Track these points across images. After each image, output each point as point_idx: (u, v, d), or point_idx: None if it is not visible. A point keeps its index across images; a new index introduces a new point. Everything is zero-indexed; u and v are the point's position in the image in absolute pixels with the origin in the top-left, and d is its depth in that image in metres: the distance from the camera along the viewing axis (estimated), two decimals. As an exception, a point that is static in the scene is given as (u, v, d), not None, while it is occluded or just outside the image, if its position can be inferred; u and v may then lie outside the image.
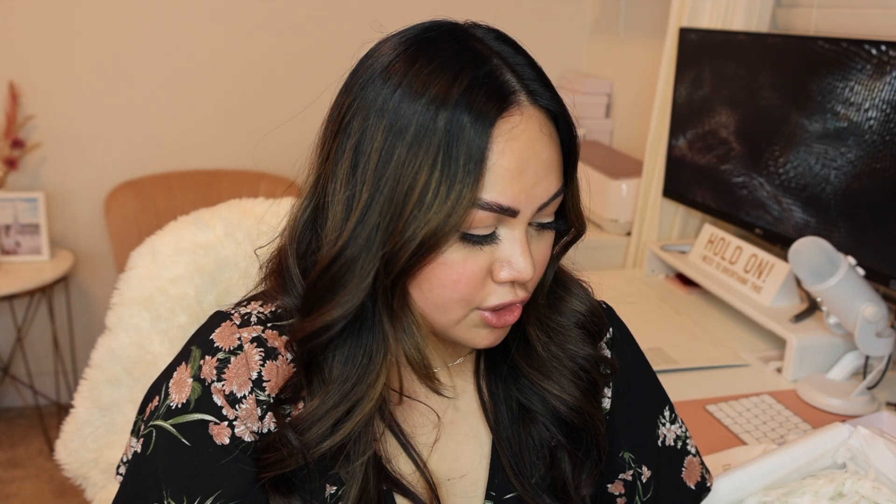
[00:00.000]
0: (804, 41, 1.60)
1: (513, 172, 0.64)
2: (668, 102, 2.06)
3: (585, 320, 0.80)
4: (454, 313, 0.68)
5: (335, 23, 2.71)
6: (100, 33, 2.63)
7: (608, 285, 0.87)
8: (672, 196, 2.07)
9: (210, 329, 0.75)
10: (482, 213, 0.64)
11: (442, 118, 0.62)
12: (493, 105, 0.63)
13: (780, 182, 1.69)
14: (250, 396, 0.72)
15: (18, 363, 2.81)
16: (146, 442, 0.72)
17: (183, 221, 1.00)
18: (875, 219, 1.45)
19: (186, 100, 2.76)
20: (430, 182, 0.62)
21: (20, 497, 2.41)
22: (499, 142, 0.63)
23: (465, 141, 0.62)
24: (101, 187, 2.73)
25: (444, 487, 0.76)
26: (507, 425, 0.78)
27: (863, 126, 1.46)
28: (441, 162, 0.62)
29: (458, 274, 0.66)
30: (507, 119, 0.64)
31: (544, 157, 0.65)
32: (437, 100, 0.63)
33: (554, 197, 0.67)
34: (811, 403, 1.42)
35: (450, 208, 0.62)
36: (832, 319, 1.44)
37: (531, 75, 0.67)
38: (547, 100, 0.67)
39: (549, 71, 0.69)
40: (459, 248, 0.65)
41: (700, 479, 0.88)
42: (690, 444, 0.89)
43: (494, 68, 0.65)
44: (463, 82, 0.63)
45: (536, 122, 0.65)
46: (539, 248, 0.70)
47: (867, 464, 0.88)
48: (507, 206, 0.64)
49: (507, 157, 0.63)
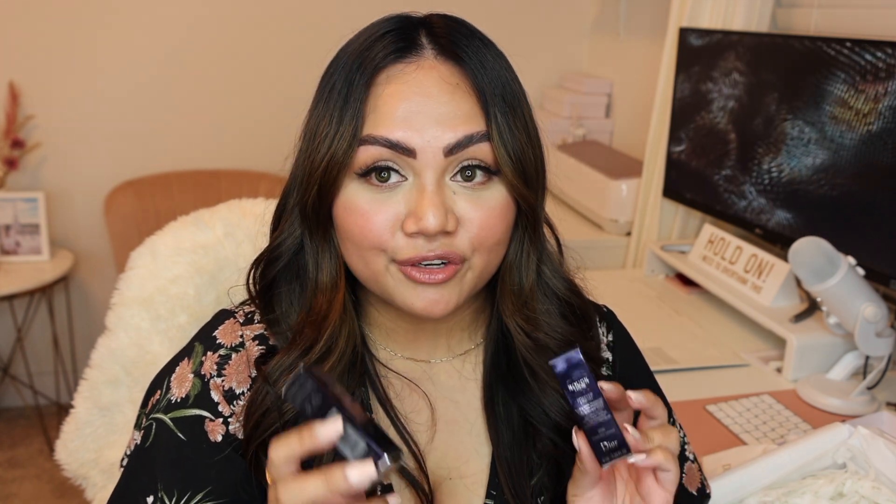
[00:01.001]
0: (804, 41, 1.60)
1: (399, 114, 0.66)
2: (668, 102, 2.06)
3: (573, 311, 0.79)
4: (372, 263, 0.69)
5: (337, 24, 2.71)
6: (100, 33, 2.63)
7: (608, 285, 0.87)
8: (672, 196, 2.07)
9: (214, 326, 0.76)
10: (372, 149, 0.66)
11: (343, 69, 0.69)
12: (387, 55, 0.67)
13: (779, 181, 1.69)
14: (249, 392, 0.72)
15: (18, 363, 2.81)
16: (146, 434, 0.73)
17: (183, 222, 1.00)
18: (875, 219, 1.45)
19: (187, 100, 2.76)
20: (327, 122, 0.68)
21: (20, 497, 2.41)
22: (385, 86, 0.67)
23: (354, 85, 0.67)
24: (101, 187, 2.73)
25: (445, 486, 0.76)
26: (510, 439, 0.77)
27: (862, 126, 1.46)
28: (335, 104, 0.68)
29: (363, 220, 0.68)
30: (399, 67, 0.67)
31: (443, 101, 0.66)
32: (344, 54, 0.70)
33: (465, 141, 0.66)
34: (811, 403, 1.42)
35: (335, 142, 0.67)
36: (832, 319, 1.44)
37: (457, 39, 0.69)
38: (464, 56, 0.68)
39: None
40: (363, 192, 0.68)
41: (700, 486, 0.88)
42: (689, 449, 0.88)
43: (408, 29, 0.69)
44: (370, 39, 0.69)
45: (436, 72, 0.67)
46: (471, 208, 0.68)
47: (867, 464, 0.88)
48: (396, 141, 0.66)
49: (393, 98, 0.66)
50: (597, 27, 2.92)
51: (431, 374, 0.79)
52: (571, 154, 2.47)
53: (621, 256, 2.28)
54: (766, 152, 1.72)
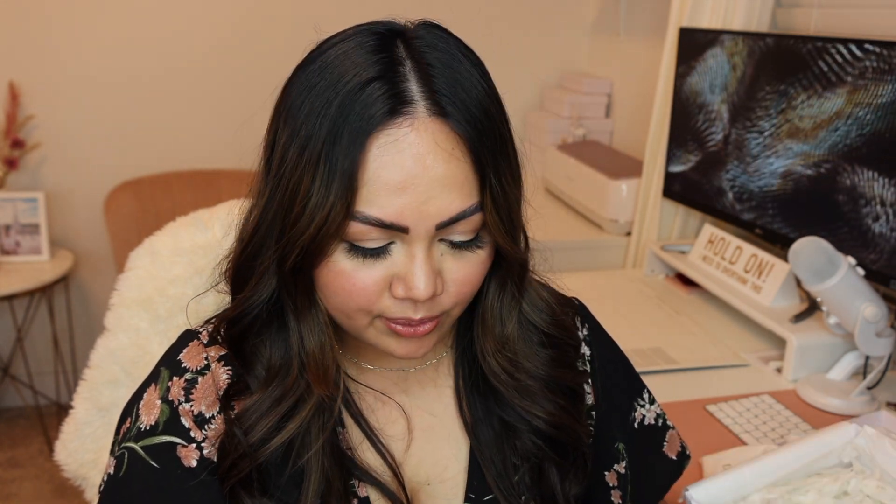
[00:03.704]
0: (804, 41, 1.60)
1: (393, 188, 0.60)
2: (668, 102, 2.06)
3: (553, 339, 0.78)
4: (357, 320, 0.68)
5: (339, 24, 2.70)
6: (100, 33, 2.63)
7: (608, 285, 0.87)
8: (672, 196, 2.07)
9: (178, 349, 0.75)
10: (363, 227, 0.62)
11: (325, 124, 0.61)
12: (377, 113, 0.60)
13: (780, 181, 1.69)
14: (219, 417, 0.71)
15: (18, 363, 2.81)
16: (118, 463, 0.71)
17: (182, 222, 1.00)
18: (875, 220, 1.45)
19: (187, 100, 2.76)
20: (312, 188, 0.61)
21: (20, 497, 2.42)
22: (378, 153, 0.60)
23: (342, 150, 0.60)
24: (101, 187, 2.73)
25: (423, 492, 0.76)
26: (490, 441, 0.76)
27: (863, 125, 1.46)
28: (321, 169, 0.61)
29: (349, 284, 0.64)
30: (390, 130, 0.60)
31: (439, 174, 0.61)
32: (326, 104, 0.61)
33: (459, 217, 0.63)
34: (811, 403, 1.42)
35: (325, 217, 0.61)
36: (832, 319, 1.44)
37: (447, 87, 0.62)
38: (456, 115, 0.61)
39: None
40: (349, 258, 0.64)
41: (680, 449, 0.91)
42: (668, 421, 0.91)
43: (397, 75, 0.61)
44: (353, 86, 0.61)
45: (431, 135, 0.61)
46: (457, 268, 0.66)
47: (872, 463, 0.88)
48: (390, 223, 0.61)
49: (387, 170, 0.60)
50: (597, 27, 2.92)
51: (405, 383, 0.78)
52: (571, 154, 2.47)
53: (621, 256, 2.28)
54: (766, 152, 1.72)
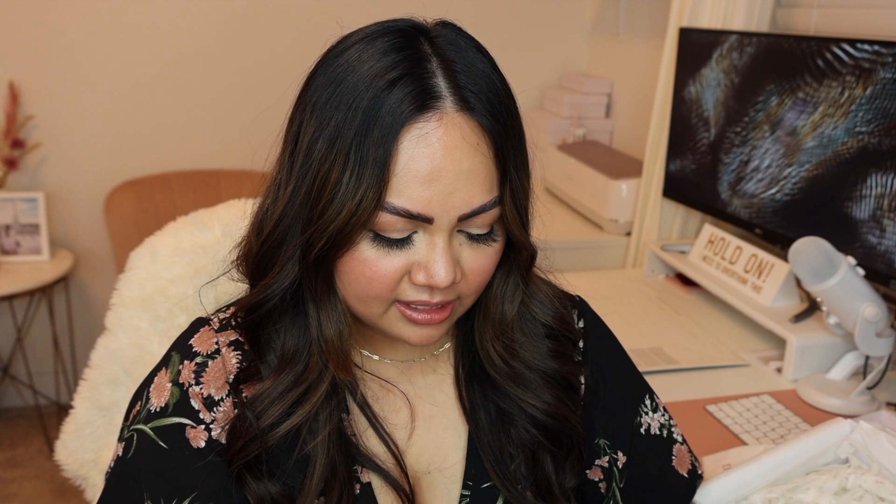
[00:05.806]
0: (804, 41, 1.60)
1: (422, 179, 0.63)
2: (668, 102, 2.06)
3: (553, 331, 0.80)
4: (374, 308, 0.70)
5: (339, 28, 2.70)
6: (100, 33, 2.63)
7: (608, 285, 0.88)
8: (672, 196, 2.07)
9: (189, 335, 0.77)
10: (391, 217, 0.64)
11: (357, 117, 0.63)
12: (408, 108, 0.63)
13: (780, 181, 1.69)
14: (228, 399, 0.73)
15: (18, 363, 2.81)
16: (127, 445, 0.73)
17: (182, 222, 1.00)
18: (875, 220, 1.45)
19: (187, 100, 2.76)
20: (342, 179, 0.64)
21: (20, 497, 2.42)
22: (409, 146, 0.63)
23: (374, 142, 0.63)
24: (101, 187, 2.73)
25: (424, 480, 0.78)
26: (487, 428, 0.79)
27: (862, 126, 1.46)
28: (352, 160, 0.63)
29: (371, 272, 0.67)
30: (421, 124, 0.63)
31: (465, 167, 0.64)
32: (356, 98, 0.64)
33: (480, 210, 0.66)
34: (811, 403, 1.42)
35: (355, 207, 0.64)
36: (832, 319, 1.44)
37: (472, 83, 0.65)
38: (481, 110, 0.65)
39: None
40: (373, 247, 0.66)
41: (691, 467, 0.89)
42: (676, 431, 0.90)
43: (425, 71, 0.64)
44: (384, 82, 0.63)
45: (458, 129, 0.64)
46: (474, 258, 0.69)
47: (870, 458, 0.88)
48: (417, 213, 0.64)
49: (417, 162, 0.63)
50: (597, 27, 2.92)
51: (408, 373, 0.81)
52: (571, 154, 2.47)
53: (621, 256, 2.28)
54: (766, 151, 1.72)
